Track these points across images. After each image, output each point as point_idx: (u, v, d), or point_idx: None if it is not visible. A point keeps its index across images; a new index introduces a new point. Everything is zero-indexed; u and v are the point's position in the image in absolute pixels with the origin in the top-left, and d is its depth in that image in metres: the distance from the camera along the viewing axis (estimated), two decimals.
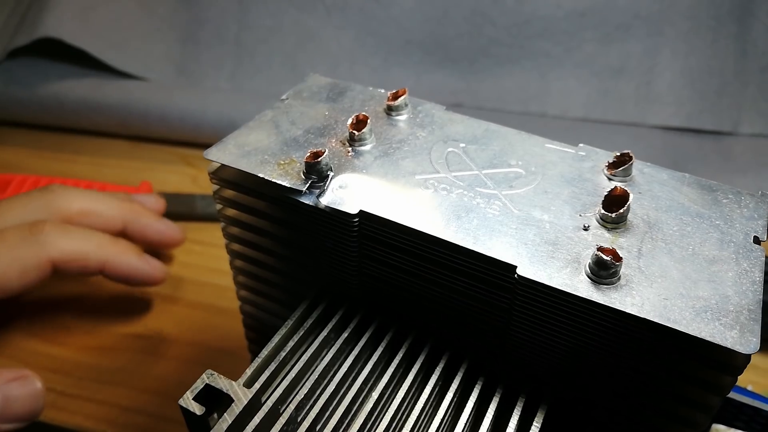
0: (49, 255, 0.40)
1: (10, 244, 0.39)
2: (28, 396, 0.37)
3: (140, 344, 0.45)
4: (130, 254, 0.44)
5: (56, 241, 0.40)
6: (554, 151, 0.29)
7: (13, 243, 0.39)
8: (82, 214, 0.44)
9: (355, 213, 0.25)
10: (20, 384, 0.37)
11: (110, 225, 0.46)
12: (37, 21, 0.66)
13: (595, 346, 0.23)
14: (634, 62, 0.67)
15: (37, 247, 0.40)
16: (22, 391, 0.37)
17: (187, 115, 0.65)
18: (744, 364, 0.21)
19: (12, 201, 0.43)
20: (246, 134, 0.29)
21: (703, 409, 0.23)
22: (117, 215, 0.46)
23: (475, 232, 0.24)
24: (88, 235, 0.42)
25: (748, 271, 0.23)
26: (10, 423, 0.36)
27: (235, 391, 0.24)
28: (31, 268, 0.40)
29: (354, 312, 0.29)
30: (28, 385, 0.37)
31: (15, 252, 0.39)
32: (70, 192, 0.45)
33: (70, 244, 0.41)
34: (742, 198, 0.26)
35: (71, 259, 0.41)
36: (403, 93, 0.31)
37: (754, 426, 0.30)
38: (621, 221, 0.24)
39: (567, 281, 0.22)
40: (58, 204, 0.44)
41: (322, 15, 0.70)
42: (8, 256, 0.39)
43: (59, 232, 0.41)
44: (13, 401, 0.36)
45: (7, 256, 0.39)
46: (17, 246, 0.39)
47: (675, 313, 0.21)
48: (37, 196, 0.44)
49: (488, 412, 0.26)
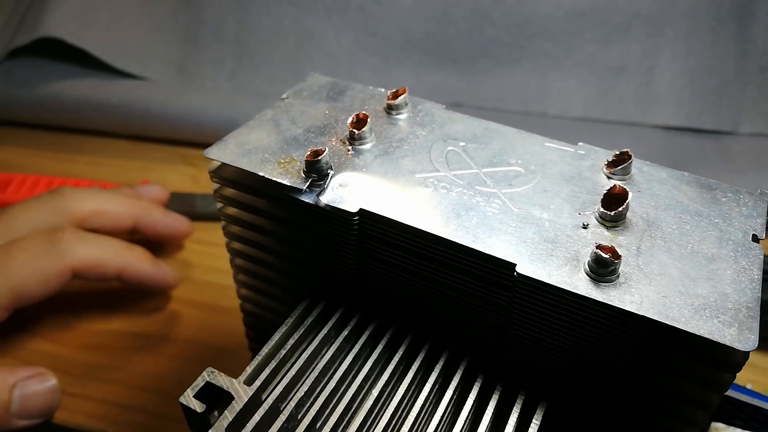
0: (70, 264, 0.41)
1: (32, 254, 0.40)
2: (44, 392, 0.38)
3: (141, 343, 0.45)
4: (145, 262, 0.45)
5: (76, 249, 0.41)
6: (554, 150, 0.29)
7: (34, 252, 0.40)
8: (95, 215, 0.45)
9: (355, 211, 0.25)
10: (37, 381, 0.38)
11: (121, 223, 0.47)
12: (38, 21, 0.67)
13: (594, 344, 0.23)
14: (634, 62, 0.67)
15: (58, 256, 0.41)
16: (39, 388, 0.38)
17: (188, 114, 0.65)
18: (742, 362, 0.21)
19: (24, 206, 0.44)
20: (246, 133, 0.29)
21: (702, 407, 0.23)
22: (127, 213, 0.47)
23: (474, 230, 0.24)
24: (105, 242, 0.43)
25: (746, 269, 0.23)
26: (28, 419, 0.37)
27: (235, 388, 0.24)
28: (53, 277, 0.41)
29: (354, 310, 0.30)
30: (44, 382, 0.38)
31: (36, 262, 0.40)
32: (81, 194, 0.46)
33: (89, 252, 0.42)
34: (740, 196, 0.26)
35: (90, 266, 0.42)
36: (403, 92, 0.31)
37: (754, 424, 0.30)
38: (620, 219, 0.24)
39: (566, 279, 0.22)
40: (71, 207, 0.44)
41: (322, 15, 0.70)
42: (30, 266, 0.40)
43: (78, 241, 0.42)
44: (31, 398, 0.37)
45: (29, 266, 0.40)
46: (38, 255, 0.40)
47: (674, 311, 0.21)
48: (48, 199, 0.44)
49: (488, 409, 0.26)
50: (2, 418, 0.36)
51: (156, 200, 0.52)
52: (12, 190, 0.57)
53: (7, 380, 0.37)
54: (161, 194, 0.53)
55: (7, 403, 0.36)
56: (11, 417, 0.36)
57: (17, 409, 0.36)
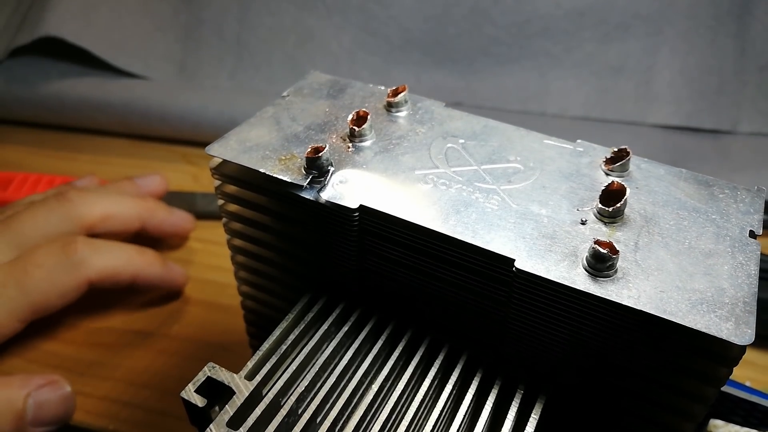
0: (87, 276, 0.41)
1: (48, 269, 0.40)
2: (58, 400, 0.38)
3: (141, 340, 0.45)
4: (157, 266, 0.46)
5: (91, 261, 0.42)
6: (552, 147, 0.29)
7: (50, 267, 0.40)
8: (104, 220, 0.46)
9: (356, 208, 0.26)
10: (51, 389, 0.38)
11: (129, 226, 0.47)
12: (39, 20, 0.67)
13: (592, 339, 0.23)
14: (633, 61, 0.67)
15: (74, 269, 0.41)
16: (53, 396, 0.38)
17: (188, 113, 0.65)
18: (739, 356, 0.21)
19: (32, 213, 0.43)
20: (247, 130, 0.29)
21: (700, 401, 0.23)
22: (135, 215, 0.48)
23: (473, 226, 0.25)
24: (118, 250, 0.44)
25: (743, 265, 0.23)
26: (43, 427, 0.37)
27: (236, 383, 0.24)
28: (71, 291, 0.41)
29: (354, 306, 0.30)
30: (58, 390, 0.38)
31: (53, 276, 0.40)
32: (88, 198, 0.46)
33: (104, 264, 0.42)
34: (738, 193, 0.26)
35: (106, 277, 0.42)
36: (403, 89, 0.31)
37: (752, 421, 0.31)
38: (618, 215, 0.25)
39: (564, 274, 0.22)
40: (80, 213, 0.44)
41: (323, 14, 0.71)
42: (47, 282, 0.40)
43: (93, 252, 0.42)
44: (45, 406, 0.37)
45: (46, 281, 0.40)
46: (55, 270, 0.40)
47: (671, 305, 0.21)
48: (57, 206, 0.44)
49: (487, 404, 0.26)
50: (18, 428, 0.36)
51: (156, 191, 0.53)
52: (13, 189, 0.57)
53: (21, 389, 0.37)
54: (160, 185, 0.54)
55: (21, 412, 0.36)
56: (26, 426, 0.36)
57: (31, 418, 0.36)
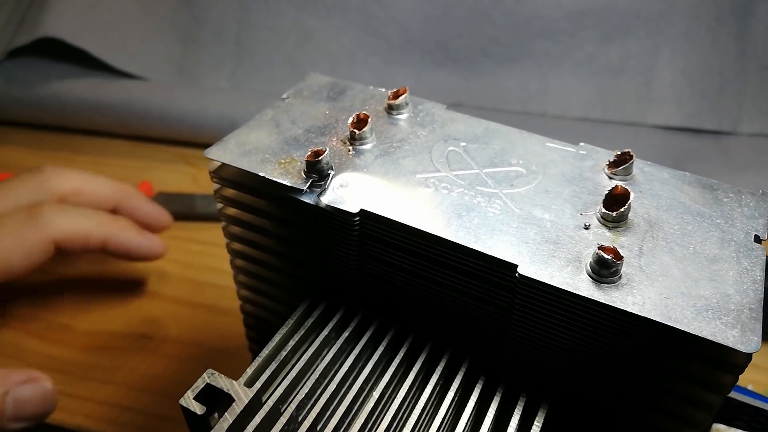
0: (52, 235, 0.40)
1: (12, 228, 0.39)
2: (38, 397, 0.37)
3: (140, 344, 0.45)
4: (130, 230, 0.44)
5: (57, 220, 0.41)
6: (555, 150, 0.29)
7: (14, 226, 0.39)
8: (76, 193, 0.45)
9: (356, 212, 0.25)
10: (31, 386, 0.37)
11: (103, 204, 0.46)
12: (38, 21, 0.66)
13: (595, 345, 0.23)
14: (634, 62, 0.67)
15: (39, 228, 0.40)
16: (33, 393, 0.37)
17: (188, 114, 0.65)
18: (745, 363, 0.21)
19: (4, 185, 0.43)
20: (247, 133, 0.29)
21: (704, 408, 0.23)
22: (109, 194, 0.46)
23: (475, 230, 0.24)
24: (87, 213, 0.43)
25: (749, 270, 0.23)
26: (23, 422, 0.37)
27: (235, 390, 0.24)
28: (35, 250, 0.40)
29: (355, 311, 0.29)
30: (38, 387, 0.38)
31: (17, 235, 0.39)
32: (62, 172, 0.45)
33: (71, 223, 0.41)
34: (742, 197, 0.26)
35: (73, 237, 0.41)
36: (403, 92, 0.31)
37: (755, 426, 0.30)
38: (622, 220, 0.24)
39: (568, 280, 0.22)
40: (52, 184, 0.44)
41: (322, 15, 0.70)
42: (10, 240, 0.39)
43: (59, 212, 0.41)
44: (25, 403, 0.37)
45: (9, 239, 0.39)
46: (19, 229, 0.39)
47: (676, 312, 0.21)
48: (29, 177, 0.44)
49: (489, 411, 0.26)
50: None
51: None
52: None
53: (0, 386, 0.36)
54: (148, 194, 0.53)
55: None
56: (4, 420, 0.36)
57: (10, 414, 0.36)
